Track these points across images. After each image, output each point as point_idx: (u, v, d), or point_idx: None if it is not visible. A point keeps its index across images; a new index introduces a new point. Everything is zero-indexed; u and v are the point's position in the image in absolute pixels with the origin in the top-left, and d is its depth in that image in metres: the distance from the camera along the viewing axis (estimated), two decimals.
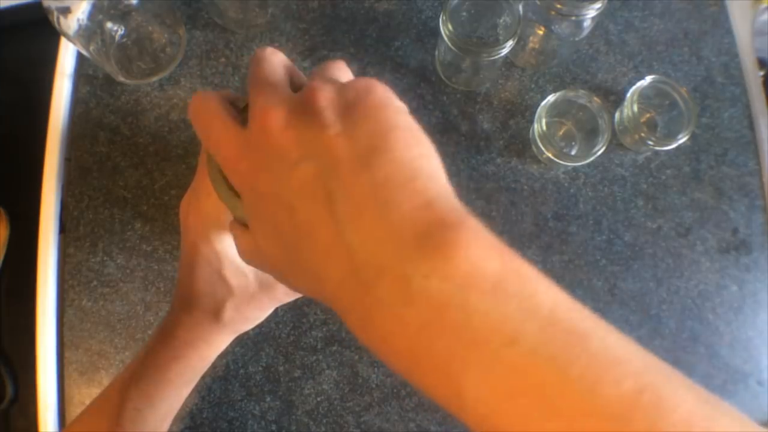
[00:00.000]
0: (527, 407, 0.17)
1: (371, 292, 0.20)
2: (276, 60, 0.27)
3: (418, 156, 0.22)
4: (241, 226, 0.29)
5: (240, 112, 0.28)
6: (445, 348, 0.18)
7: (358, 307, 0.20)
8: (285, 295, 0.37)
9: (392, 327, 0.19)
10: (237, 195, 0.28)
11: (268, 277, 0.36)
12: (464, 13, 0.53)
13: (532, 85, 0.56)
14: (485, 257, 0.19)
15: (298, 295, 0.38)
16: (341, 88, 0.24)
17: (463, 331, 0.18)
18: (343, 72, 0.27)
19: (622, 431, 0.17)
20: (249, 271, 0.35)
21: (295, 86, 0.27)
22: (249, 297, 0.36)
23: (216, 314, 0.36)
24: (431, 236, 0.19)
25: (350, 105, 0.23)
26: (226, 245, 0.34)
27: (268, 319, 0.50)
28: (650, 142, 0.50)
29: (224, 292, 0.35)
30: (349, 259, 0.20)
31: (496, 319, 0.18)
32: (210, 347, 0.38)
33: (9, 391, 0.53)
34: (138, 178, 0.53)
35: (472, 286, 0.18)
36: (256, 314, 0.38)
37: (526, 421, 0.17)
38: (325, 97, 0.23)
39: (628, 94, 0.51)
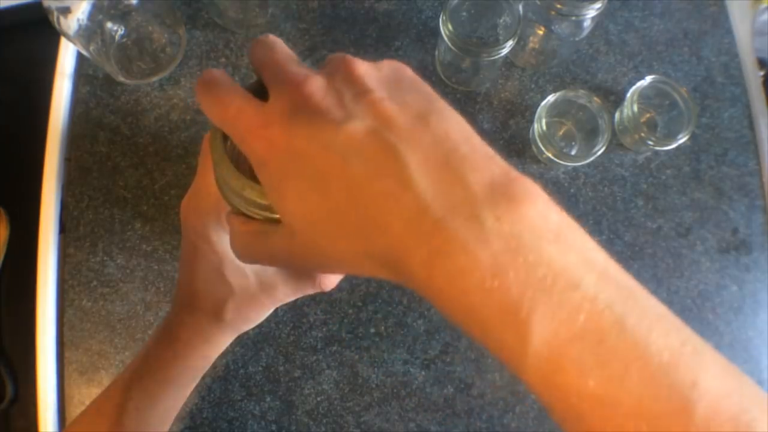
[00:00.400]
0: (587, 350, 0.18)
1: (442, 231, 0.19)
2: (282, 43, 0.26)
3: (465, 122, 0.23)
4: (241, 216, 0.27)
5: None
6: (516, 286, 0.19)
7: (424, 248, 0.20)
8: (285, 296, 0.37)
9: (464, 264, 0.19)
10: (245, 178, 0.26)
11: (269, 277, 0.36)
12: (464, 13, 0.53)
13: (532, 85, 0.56)
14: (548, 210, 0.20)
15: (297, 296, 0.37)
16: (372, 63, 0.24)
17: (532, 272, 0.19)
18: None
19: (670, 377, 0.18)
20: (249, 271, 0.35)
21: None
22: (249, 297, 0.36)
23: (217, 314, 0.36)
24: (501, 184, 0.20)
25: (387, 77, 0.23)
26: (227, 245, 0.34)
27: (268, 319, 0.50)
28: (650, 142, 0.50)
29: (225, 292, 0.35)
30: (417, 201, 0.20)
31: (561, 265, 0.19)
32: (211, 347, 0.38)
33: (9, 391, 0.53)
34: (138, 178, 0.53)
35: (540, 233, 0.19)
36: (257, 314, 0.38)
37: (584, 365, 0.18)
38: (363, 67, 0.23)
39: (628, 94, 0.51)
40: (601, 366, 0.18)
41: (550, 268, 0.19)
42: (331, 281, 0.36)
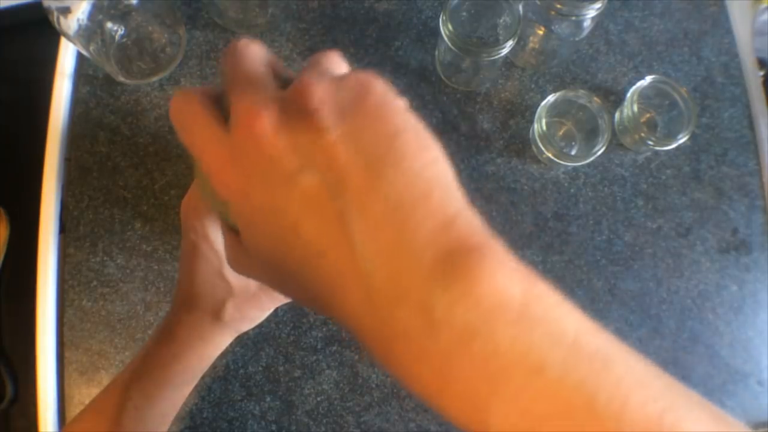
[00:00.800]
0: (559, 429, 0.17)
1: (390, 322, 0.19)
2: (254, 52, 0.24)
3: (430, 162, 0.20)
4: (233, 233, 0.26)
5: (226, 110, 0.24)
6: (471, 378, 0.18)
7: (376, 335, 0.19)
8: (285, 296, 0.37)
9: (414, 357, 0.19)
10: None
11: None
12: (464, 13, 0.53)
13: (532, 85, 0.56)
14: (509, 284, 0.18)
15: None
16: (337, 83, 0.21)
17: (489, 361, 0.18)
18: (337, 64, 0.24)
19: None
20: None
21: (281, 82, 0.24)
22: (249, 296, 0.36)
23: (216, 313, 0.36)
24: (453, 262, 0.18)
25: (348, 103, 0.21)
26: None
27: (268, 319, 0.50)
28: (650, 142, 0.50)
29: (224, 292, 0.35)
30: (366, 285, 0.19)
31: (522, 347, 0.18)
32: (210, 347, 0.38)
33: (9, 391, 0.53)
34: (138, 178, 0.53)
35: (498, 315, 0.18)
36: (256, 314, 0.38)
37: None
38: (320, 95, 0.21)
39: (628, 94, 0.51)
40: None
41: (508, 357, 0.18)
42: None
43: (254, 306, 0.37)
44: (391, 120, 0.21)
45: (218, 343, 0.38)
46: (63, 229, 0.53)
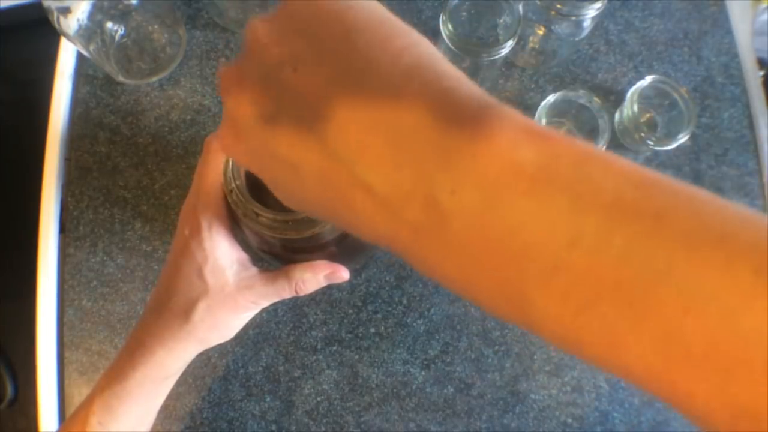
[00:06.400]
0: (607, 315, 0.15)
1: (405, 224, 0.18)
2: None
3: (403, 48, 0.18)
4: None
5: None
6: (498, 266, 0.16)
7: (397, 241, 0.18)
8: (261, 297, 0.36)
9: (436, 256, 0.17)
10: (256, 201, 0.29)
11: (248, 279, 0.35)
12: (464, 13, 0.53)
13: (532, 85, 0.56)
14: (517, 147, 0.16)
15: (274, 299, 0.36)
16: (270, 20, 0.21)
17: (510, 243, 0.15)
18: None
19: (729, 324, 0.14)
20: (230, 272, 0.35)
21: None
22: (224, 297, 0.35)
23: (186, 313, 0.34)
24: (449, 141, 0.16)
25: (288, 26, 0.20)
26: (216, 243, 0.34)
27: (268, 320, 0.50)
28: (650, 142, 0.50)
29: (199, 291, 0.34)
30: (372, 197, 0.18)
31: (545, 221, 0.15)
32: (170, 354, 0.36)
33: (9, 391, 0.53)
34: (138, 178, 0.53)
35: (508, 189, 0.15)
36: (228, 318, 0.36)
37: (612, 331, 0.15)
38: (262, 34, 0.20)
39: (628, 94, 0.51)
40: (635, 325, 0.14)
41: (534, 230, 0.15)
42: (307, 287, 0.36)
43: (228, 308, 0.35)
44: (340, 22, 0.19)
45: (180, 351, 0.36)
46: (63, 229, 0.53)
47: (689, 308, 0.14)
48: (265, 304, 0.37)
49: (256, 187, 0.31)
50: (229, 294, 0.35)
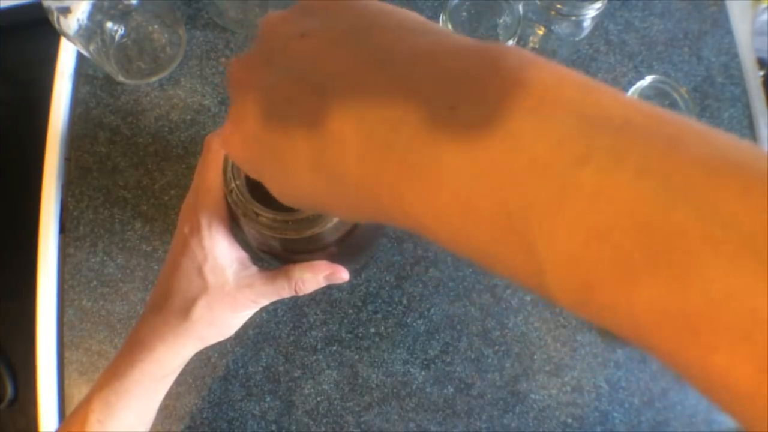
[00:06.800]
0: (621, 245, 0.13)
1: (393, 149, 0.16)
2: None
3: (414, 37, 0.18)
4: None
5: None
6: (499, 188, 0.14)
7: (392, 180, 0.17)
8: (260, 296, 0.36)
9: (429, 185, 0.16)
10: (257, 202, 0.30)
11: (247, 278, 0.35)
12: (464, 13, 0.53)
13: None
14: (523, 68, 0.15)
15: (273, 298, 0.36)
16: (285, 15, 0.21)
17: (512, 162, 0.14)
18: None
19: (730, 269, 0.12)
20: (230, 270, 0.35)
21: None
22: (223, 295, 0.35)
23: (185, 311, 0.34)
24: (450, 75, 0.16)
25: (301, 10, 0.20)
26: (215, 241, 0.34)
27: (268, 320, 0.50)
28: None
29: (199, 289, 0.34)
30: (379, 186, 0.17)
31: (552, 138, 0.14)
32: (169, 351, 0.36)
33: (9, 391, 0.53)
34: (138, 178, 0.53)
35: (515, 104, 0.14)
36: (227, 316, 0.36)
37: (626, 264, 0.13)
38: (273, 19, 0.21)
39: (628, 94, 0.51)
40: (652, 261, 0.13)
41: (535, 153, 0.14)
42: (306, 287, 0.36)
43: (226, 305, 0.35)
44: (353, 9, 0.19)
45: (178, 348, 0.36)
46: (63, 229, 0.53)
47: (709, 236, 0.12)
48: (265, 303, 0.37)
49: (256, 187, 0.31)
50: (228, 292, 0.35)
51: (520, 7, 0.48)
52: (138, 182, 0.53)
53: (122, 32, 0.53)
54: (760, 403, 0.12)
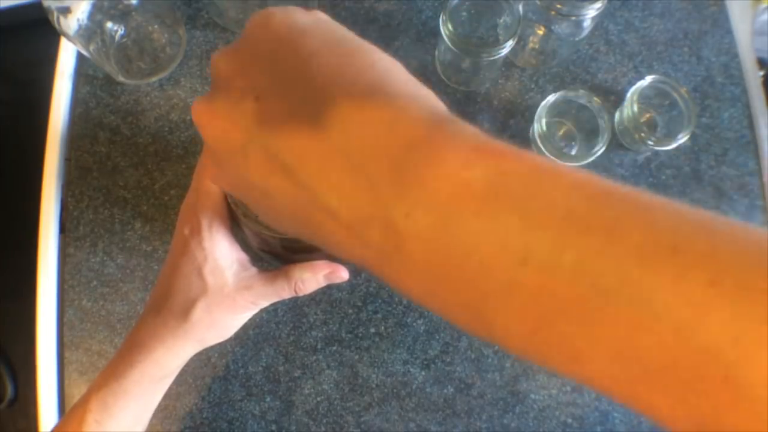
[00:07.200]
0: (564, 332, 0.15)
1: (368, 246, 0.18)
2: None
3: (360, 70, 0.19)
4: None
5: None
6: (457, 287, 0.16)
7: (365, 260, 0.19)
8: (260, 297, 0.36)
9: (400, 276, 0.18)
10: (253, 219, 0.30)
11: (247, 279, 0.35)
12: (464, 13, 0.53)
13: (532, 85, 0.56)
14: (467, 166, 0.16)
15: (273, 299, 0.36)
16: (228, 53, 0.22)
17: (465, 264, 0.16)
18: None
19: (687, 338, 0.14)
20: (230, 272, 0.35)
21: None
22: (223, 297, 0.35)
23: (185, 313, 0.34)
24: (401, 166, 0.17)
25: (248, 57, 0.21)
26: (215, 243, 0.34)
27: (268, 320, 0.50)
28: (650, 142, 0.50)
29: (198, 291, 0.34)
30: (337, 221, 0.19)
31: (496, 240, 0.15)
32: (168, 352, 0.36)
33: (9, 391, 0.53)
34: (138, 178, 0.53)
35: (459, 210, 0.16)
36: (227, 318, 0.36)
37: (571, 347, 0.15)
38: (221, 67, 0.22)
39: (628, 94, 0.51)
40: (594, 341, 0.15)
41: (487, 248, 0.15)
42: (306, 287, 0.36)
43: (226, 307, 0.35)
44: (294, 51, 0.20)
45: (177, 349, 0.36)
46: (63, 229, 0.53)
47: (641, 324, 0.14)
48: (265, 304, 0.37)
49: None
50: (228, 294, 0.35)
51: (520, 7, 0.48)
52: (138, 182, 0.53)
53: (122, 32, 0.53)
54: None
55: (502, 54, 0.47)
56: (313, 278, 0.36)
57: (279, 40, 0.21)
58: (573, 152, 0.54)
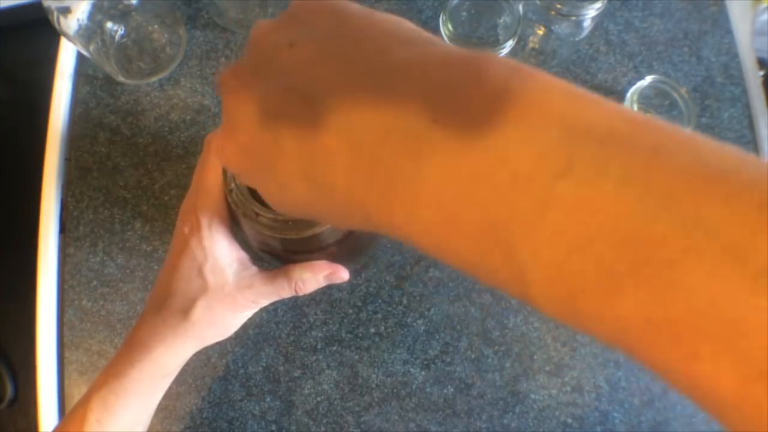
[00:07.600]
0: (603, 255, 0.13)
1: (374, 188, 0.17)
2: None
3: (400, 52, 0.18)
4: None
5: None
6: (483, 203, 0.14)
7: (368, 207, 0.18)
8: (260, 296, 0.36)
9: (411, 202, 0.16)
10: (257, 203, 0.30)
11: (247, 278, 0.35)
12: (464, 13, 0.53)
13: None
14: (507, 78, 0.15)
15: (273, 298, 0.36)
16: (275, 26, 0.22)
17: (496, 175, 0.14)
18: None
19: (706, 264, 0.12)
20: (230, 271, 0.35)
21: None
22: (223, 295, 0.35)
23: (185, 311, 0.34)
24: (446, 81, 0.16)
25: (290, 17, 0.21)
26: (215, 242, 0.34)
27: (268, 320, 0.50)
28: None
29: (199, 289, 0.34)
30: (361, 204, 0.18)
31: (534, 151, 0.14)
32: (169, 351, 0.36)
33: (9, 391, 0.53)
34: (138, 178, 0.53)
35: (496, 116, 0.14)
36: (227, 316, 0.36)
37: (609, 273, 0.13)
38: (262, 27, 0.22)
39: (628, 94, 0.51)
40: (632, 270, 0.13)
41: (518, 165, 0.14)
42: (306, 287, 0.36)
43: (226, 306, 0.35)
44: (337, 14, 0.20)
45: (177, 348, 0.36)
46: (63, 229, 0.53)
47: (691, 246, 0.12)
48: (265, 303, 0.37)
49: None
50: (228, 293, 0.35)
51: (520, 7, 0.48)
52: (138, 182, 0.53)
53: (122, 32, 0.53)
54: (745, 411, 0.12)
55: (502, 54, 0.47)
56: (313, 278, 0.36)
57: (327, 8, 0.21)
58: None
